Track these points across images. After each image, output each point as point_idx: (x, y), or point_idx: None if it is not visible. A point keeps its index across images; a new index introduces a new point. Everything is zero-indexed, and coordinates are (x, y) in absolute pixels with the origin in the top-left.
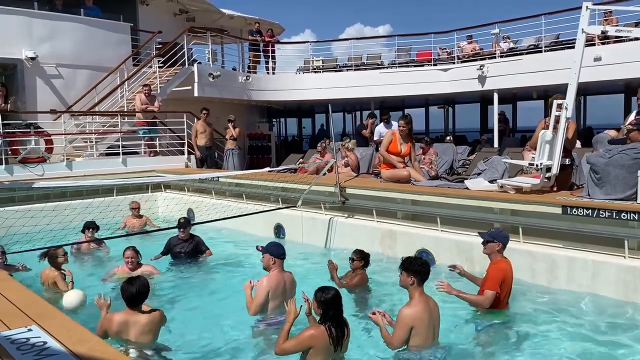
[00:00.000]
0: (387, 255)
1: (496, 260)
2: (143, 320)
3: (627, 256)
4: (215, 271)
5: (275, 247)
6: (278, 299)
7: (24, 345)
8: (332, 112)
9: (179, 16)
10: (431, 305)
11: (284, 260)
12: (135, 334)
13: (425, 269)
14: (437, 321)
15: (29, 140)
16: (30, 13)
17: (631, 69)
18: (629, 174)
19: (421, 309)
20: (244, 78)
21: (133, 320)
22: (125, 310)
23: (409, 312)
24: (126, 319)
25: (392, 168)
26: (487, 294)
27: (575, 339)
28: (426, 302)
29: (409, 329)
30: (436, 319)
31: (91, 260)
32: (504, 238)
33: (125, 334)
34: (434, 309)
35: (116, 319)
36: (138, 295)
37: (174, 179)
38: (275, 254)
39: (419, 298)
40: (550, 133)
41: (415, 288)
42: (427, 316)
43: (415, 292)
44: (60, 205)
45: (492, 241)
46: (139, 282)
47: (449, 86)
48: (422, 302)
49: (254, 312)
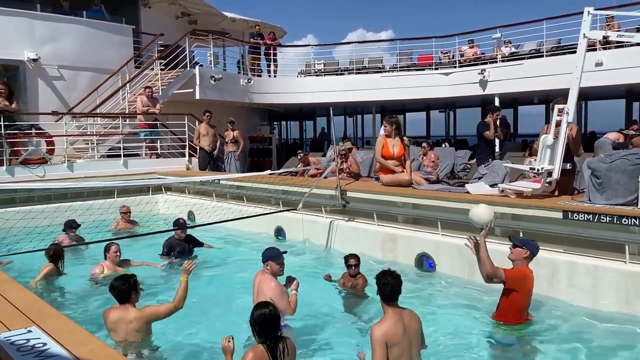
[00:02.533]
0: (388, 259)
1: (522, 267)
2: (133, 316)
3: (628, 261)
4: (214, 273)
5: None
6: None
7: (23, 346)
8: (334, 116)
9: (181, 19)
10: (405, 319)
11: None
12: (127, 330)
13: (388, 287)
14: (415, 334)
15: (30, 141)
16: (32, 15)
17: (632, 74)
18: (630, 179)
19: (391, 324)
20: (245, 81)
21: (125, 315)
22: (117, 306)
23: (378, 328)
24: (119, 315)
25: (390, 173)
26: (499, 269)
27: (574, 344)
28: (399, 316)
29: (384, 345)
30: (413, 332)
31: (77, 259)
32: (534, 247)
33: (117, 330)
34: (410, 323)
35: (110, 316)
36: (127, 291)
37: (174, 182)
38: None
39: (391, 314)
40: (551, 138)
41: (384, 304)
42: (399, 330)
43: (386, 308)
44: (61, 206)
45: (520, 247)
46: (127, 278)
47: (450, 90)
48: (393, 318)
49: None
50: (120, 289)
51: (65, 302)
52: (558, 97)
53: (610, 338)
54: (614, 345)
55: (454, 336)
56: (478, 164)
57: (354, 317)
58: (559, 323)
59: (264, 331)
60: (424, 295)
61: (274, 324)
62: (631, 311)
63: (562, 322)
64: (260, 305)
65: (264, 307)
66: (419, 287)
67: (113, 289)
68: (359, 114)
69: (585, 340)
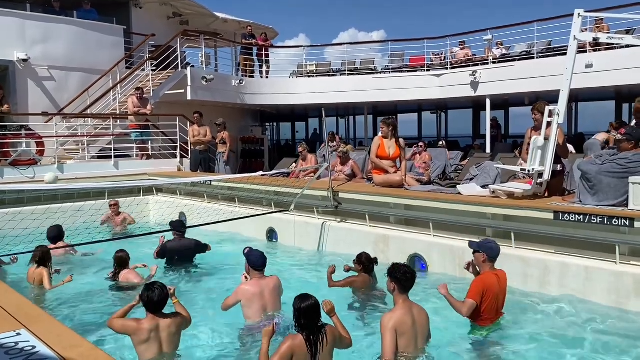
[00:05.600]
0: (380, 260)
1: (484, 272)
2: (170, 323)
3: (619, 262)
4: (207, 274)
5: (253, 257)
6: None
7: (12, 349)
8: (326, 117)
9: (173, 19)
10: (415, 312)
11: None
12: (166, 337)
13: (407, 277)
14: (422, 327)
15: (20, 142)
16: (22, 15)
17: (622, 76)
18: (620, 181)
19: (402, 314)
20: (237, 82)
21: (162, 324)
22: (150, 316)
23: (389, 316)
24: (156, 323)
25: (384, 173)
26: (467, 303)
27: (565, 345)
28: (409, 308)
29: (393, 332)
30: (421, 326)
31: (68, 266)
32: (488, 249)
33: (156, 339)
34: (419, 316)
35: (145, 326)
36: (159, 301)
37: (166, 183)
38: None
39: (402, 304)
40: (542, 139)
41: (398, 295)
42: (409, 320)
43: (398, 299)
44: (51, 208)
45: (477, 251)
46: (159, 287)
47: (441, 92)
48: (404, 309)
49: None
50: (156, 298)
51: (54, 306)
52: (549, 98)
53: (601, 338)
54: (604, 344)
55: (450, 339)
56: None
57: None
58: (549, 323)
59: (309, 322)
60: (417, 299)
61: (318, 315)
62: (622, 311)
63: (552, 321)
64: (303, 297)
65: (308, 299)
66: (412, 291)
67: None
68: (351, 115)
69: (576, 340)
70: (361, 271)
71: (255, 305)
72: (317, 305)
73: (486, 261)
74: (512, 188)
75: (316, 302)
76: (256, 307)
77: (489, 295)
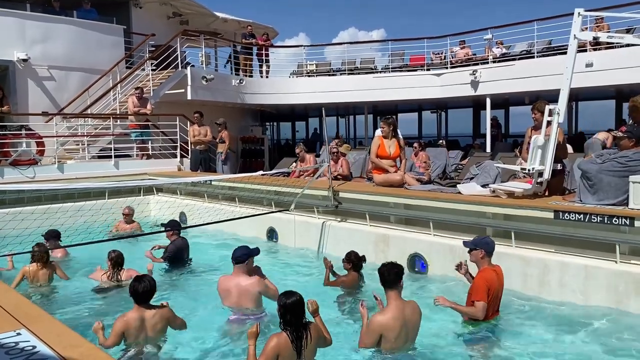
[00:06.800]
0: (380, 259)
1: (482, 268)
2: (154, 315)
3: (619, 261)
4: (205, 274)
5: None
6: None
7: (12, 349)
8: (326, 116)
9: (173, 19)
10: (407, 311)
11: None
12: (150, 329)
13: (389, 277)
14: (412, 324)
15: (20, 142)
16: (22, 15)
17: (622, 75)
18: (621, 180)
19: (392, 317)
20: (237, 81)
21: (146, 315)
22: (135, 307)
23: (380, 320)
24: (140, 314)
25: (384, 173)
26: (478, 306)
27: (566, 345)
28: (401, 308)
29: (377, 336)
30: (411, 322)
31: (63, 262)
32: (485, 245)
33: (140, 330)
34: (411, 314)
35: (131, 316)
36: (143, 292)
37: (166, 182)
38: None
39: (394, 303)
40: (542, 138)
41: (388, 293)
42: (398, 324)
43: (389, 297)
44: (51, 208)
45: (474, 249)
46: (147, 279)
47: (441, 91)
48: (396, 309)
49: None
50: (141, 290)
51: (54, 306)
52: (549, 97)
53: (600, 337)
54: (604, 344)
55: (451, 339)
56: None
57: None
58: (549, 322)
59: (294, 318)
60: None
61: (303, 311)
62: (621, 310)
63: (552, 320)
64: (288, 294)
65: (293, 295)
66: (412, 291)
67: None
68: (351, 114)
69: (576, 339)
70: (350, 269)
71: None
72: (302, 301)
73: (484, 257)
74: (512, 187)
75: (301, 299)
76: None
77: (491, 292)
